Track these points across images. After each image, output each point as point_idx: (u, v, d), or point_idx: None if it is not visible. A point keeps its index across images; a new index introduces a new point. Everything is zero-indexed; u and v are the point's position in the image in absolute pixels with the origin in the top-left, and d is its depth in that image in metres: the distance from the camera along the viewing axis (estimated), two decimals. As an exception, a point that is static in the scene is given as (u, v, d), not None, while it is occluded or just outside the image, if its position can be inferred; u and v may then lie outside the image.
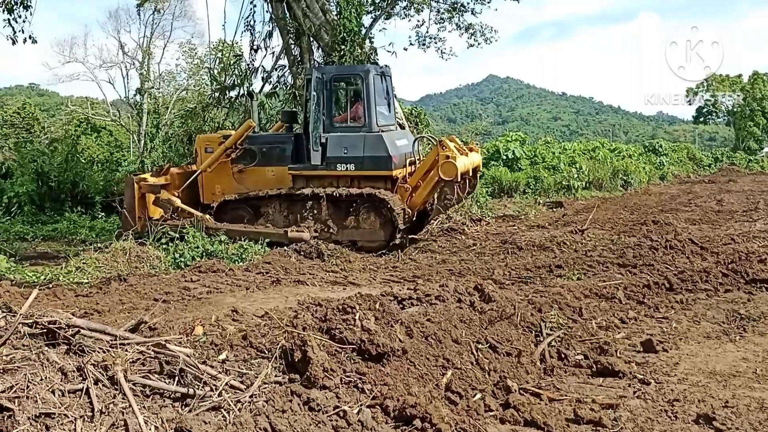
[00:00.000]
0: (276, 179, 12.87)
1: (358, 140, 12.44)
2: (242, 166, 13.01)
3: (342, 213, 12.45)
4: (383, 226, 12.32)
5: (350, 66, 12.99)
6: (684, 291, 7.93)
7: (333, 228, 12.34)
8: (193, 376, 3.86)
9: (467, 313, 5.70)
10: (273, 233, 12.17)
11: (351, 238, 12.39)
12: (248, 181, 13.04)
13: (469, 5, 22.43)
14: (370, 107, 12.51)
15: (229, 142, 12.94)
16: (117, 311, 7.23)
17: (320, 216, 12.37)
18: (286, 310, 6.02)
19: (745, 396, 4.60)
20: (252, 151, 12.96)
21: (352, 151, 12.44)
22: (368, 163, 12.39)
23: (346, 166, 12.45)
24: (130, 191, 12.81)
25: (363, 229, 12.42)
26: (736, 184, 28.03)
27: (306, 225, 12.30)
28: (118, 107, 38.73)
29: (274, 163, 12.93)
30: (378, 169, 12.44)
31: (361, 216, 12.40)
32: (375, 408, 4.11)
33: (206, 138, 13.83)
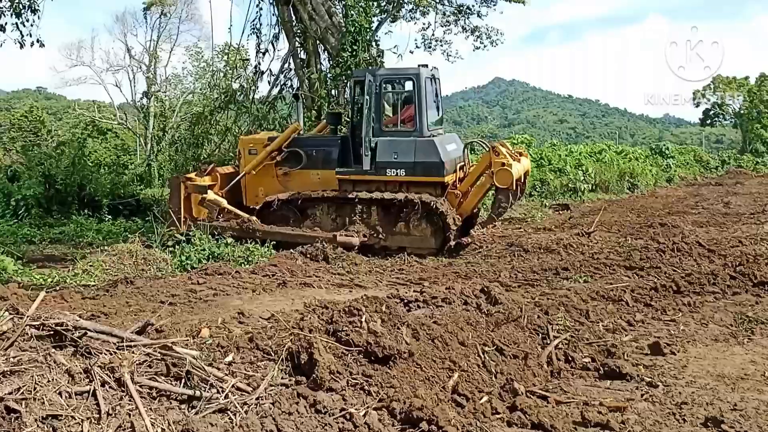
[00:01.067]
0: (321, 183, 12.65)
1: (409, 145, 12.13)
2: (287, 168, 12.80)
3: (391, 218, 12.20)
4: (434, 234, 12.05)
5: (402, 68, 12.67)
6: (691, 293, 7.90)
7: (382, 233, 12.13)
8: (200, 378, 3.86)
9: (474, 316, 5.68)
10: (321, 237, 11.89)
11: (400, 245, 12.15)
12: (293, 184, 12.80)
13: (475, 8, 22.43)
14: (421, 110, 12.21)
15: (275, 145, 12.77)
16: (124, 313, 7.23)
17: (369, 221, 12.16)
18: (292, 313, 6.03)
19: (754, 399, 4.57)
20: (298, 154, 12.74)
21: (403, 157, 12.13)
22: (419, 168, 12.07)
23: (397, 171, 12.16)
24: (177, 191, 12.64)
25: (413, 236, 12.15)
26: (744, 187, 27.89)
27: (355, 229, 12.10)
28: (124, 110, 38.89)
29: (320, 166, 12.69)
30: (429, 176, 12.11)
31: (411, 222, 12.12)
32: (381, 410, 4.10)
33: (250, 139, 13.60)
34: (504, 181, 11.75)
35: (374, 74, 12.45)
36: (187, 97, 34.95)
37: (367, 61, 16.38)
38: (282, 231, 12.15)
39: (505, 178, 11.73)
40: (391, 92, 12.80)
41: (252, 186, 13.12)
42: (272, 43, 18.13)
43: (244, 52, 20.80)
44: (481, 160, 12.49)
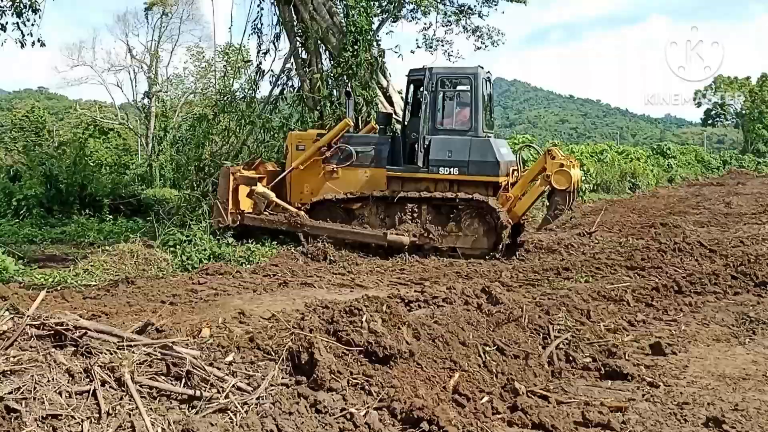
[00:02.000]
0: (369, 181, 12.62)
1: (464, 144, 12.08)
2: (335, 165, 12.75)
3: (442, 219, 12.11)
4: (487, 234, 11.92)
5: (460, 66, 12.59)
6: (693, 293, 7.90)
7: (433, 234, 11.98)
8: (200, 377, 3.85)
9: (474, 316, 5.67)
10: (371, 235, 11.97)
11: (452, 245, 12.01)
12: (339, 181, 12.77)
13: (476, 8, 22.42)
14: (477, 110, 12.17)
15: (324, 140, 12.70)
16: (124, 313, 7.23)
17: (420, 221, 12.06)
18: (293, 313, 6.03)
19: (755, 399, 4.56)
20: (347, 151, 12.72)
21: (457, 155, 12.07)
22: (473, 167, 12.00)
23: (450, 170, 12.08)
24: (225, 182, 12.50)
25: (465, 236, 12.02)
26: (745, 187, 27.92)
27: (405, 229, 12.00)
28: (126, 110, 38.94)
29: (369, 164, 12.68)
30: (484, 175, 12.02)
31: (463, 223, 12.02)
32: (382, 410, 4.10)
33: (299, 135, 13.54)
34: (562, 182, 11.70)
35: (431, 72, 12.33)
36: (188, 97, 34.98)
37: (368, 61, 16.36)
38: (331, 227, 12.11)
39: (564, 179, 11.69)
40: (447, 91, 12.66)
41: (298, 182, 13.08)
42: (273, 43, 18.06)
43: (245, 52, 20.78)
44: (536, 163, 12.45)
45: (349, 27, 16.16)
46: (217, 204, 12.40)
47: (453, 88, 12.65)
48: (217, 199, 12.53)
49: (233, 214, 12.35)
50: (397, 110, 16.95)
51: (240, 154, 16.40)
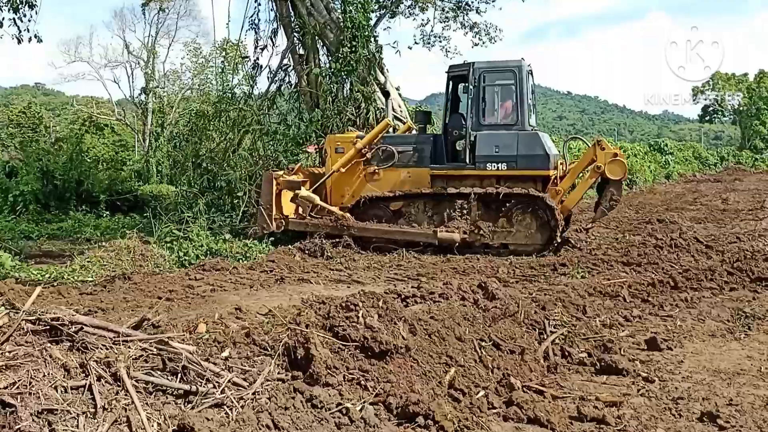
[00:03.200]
0: (411, 181, 12.44)
1: (511, 138, 11.90)
2: (376, 167, 12.56)
3: (492, 215, 11.92)
4: (540, 230, 11.74)
5: (503, 60, 12.33)
6: (689, 289, 7.91)
7: (484, 230, 11.80)
8: (196, 373, 3.86)
9: (471, 311, 5.69)
10: (421, 233, 11.82)
11: (503, 242, 11.87)
12: (381, 182, 12.55)
13: (474, 4, 22.43)
14: (522, 104, 12.01)
15: (365, 141, 12.51)
16: (121, 309, 7.23)
17: (470, 217, 11.86)
18: (289, 308, 6.03)
19: (750, 394, 4.57)
20: (388, 152, 12.52)
21: (505, 150, 11.88)
22: (522, 162, 11.81)
23: (498, 165, 11.91)
24: (268, 187, 12.21)
25: (518, 232, 11.83)
26: (742, 183, 27.97)
27: (455, 226, 11.83)
28: (123, 106, 38.84)
29: (411, 164, 12.51)
30: (534, 169, 11.84)
31: (514, 218, 11.83)
32: (378, 405, 4.11)
33: (338, 138, 13.25)
34: (617, 172, 11.69)
35: (474, 68, 12.17)
36: (185, 93, 34.91)
37: (366, 57, 16.34)
38: (378, 228, 11.97)
39: (619, 168, 11.71)
40: (491, 86, 12.34)
41: (338, 185, 12.82)
42: (271, 38, 18.07)
43: (242, 48, 20.75)
44: (584, 156, 12.34)
45: (346, 23, 16.15)
46: (261, 210, 12.08)
47: (497, 82, 12.34)
48: (260, 205, 12.18)
49: (277, 219, 12.10)
50: (394, 106, 16.95)
51: (237, 150, 16.40)
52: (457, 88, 13.01)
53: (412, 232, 11.83)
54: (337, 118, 15.98)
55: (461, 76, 12.55)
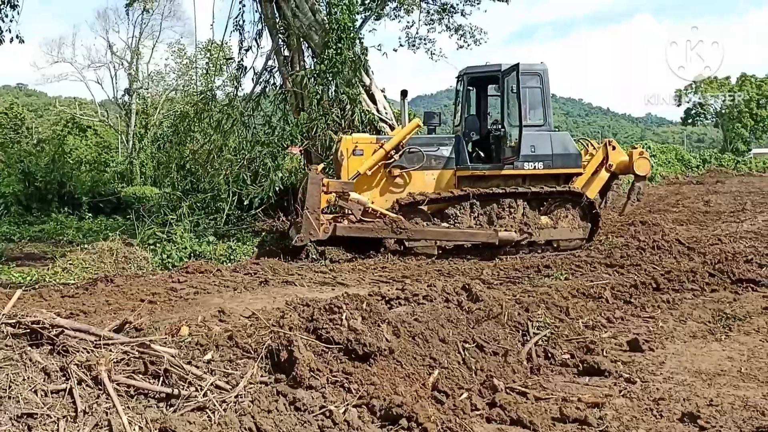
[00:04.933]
0: (436, 183, 12.43)
1: (545, 138, 12.29)
2: (400, 169, 12.29)
3: (535, 213, 12.25)
4: (581, 225, 12.30)
5: (527, 64, 12.49)
6: (671, 291, 7.98)
7: (532, 228, 12.03)
8: (178, 376, 3.83)
9: (455, 313, 5.70)
10: (482, 234, 11.75)
11: (548, 238, 12.17)
12: (404, 184, 12.37)
13: (459, 7, 22.52)
14: (548, 105, 12.52)
15: (393, 143, 12.17)
16: (103, 312, 7.18)
17: (516, 216, 12.03)
18: (273, 311, 6.01)
19: (730, 394, 4.62)
20: (418, 153, 12.38)
21: (541, 150, 12.23)
22: (558, 161, 12.34)
23: (535, 165, 12.22)
24: (316, 191, 11.40)
25: (562, 228, 12.22)
26: (724, 185, 28.22)
27: (502, 225, 11.94)
28: (106, 107, 38.60)
29: (436, 166, 12.47)
30: (568, 167, 12.46)
31: (557, 215, 12.23)
32: (361, 408, 4.10)
33: (357, 139, 12.75)
34: (644, 168, 12.64)
35: (503, 71, 12.49)
36: (169, 94, 34.73)
37: (351, 59, 16.34)
38: (437, 230, 11.76)
39: (646, 166, 12.69)
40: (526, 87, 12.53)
41: (359, 188, 12.32)
42: (255, 40, 18.01)
43: (227, 49, 20.67)
44: (597, 155, 12.96)
45: (331, 24, 16.14)
46: (307, 216, 11.21)
47: (527, 84, 12.53)
48: (306, 209, 11.31)
49: (324, 225, 11.41)
50: (380, 108, 16.96)
51: (221, 152, 16.33)
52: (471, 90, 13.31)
53: (472, 233, 11.77)
54: (322, 119, 15.97)
55: (483, 78, 12.93)
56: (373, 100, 17.04)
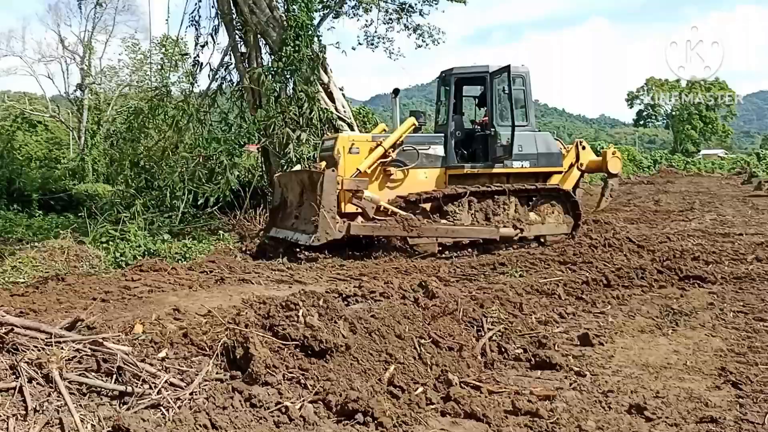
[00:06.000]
0: (429, 181, 12.47)
1: (530, 138, 12.76)
2: (400, 167, 12.26)
3: (524, 209, 12.67)
4: (566, 220, 12.93)
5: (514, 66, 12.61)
6: (621, 287, 8.17)
7: (524, 224, 12.46)
8: (132, 374, 3.81)
9: (411, 309, 5.75)
10: (486, 230, 12.02)
11: (537, 233, 12.66)
12: (401, 183, 12.33)
13: (417, 6, 22.62)
14: (530, 106, 13.06)
15: (391, 141, 12.09)
16: (54, 311, 7.04)
17: (508, 213, 12.41)
18: (229, 309, 5.99)
19: (675, 387, 4.77)
20: (411, 153, 12.34)
21: (528, 149, 12.70)
22: (543, 159, 12.93)
23: (522, 163, 12.70)
24: (332, 188, 11.06)
25: (549, 224, 12.82)
26: (674, 185, 28.98)
27: (498, 221, 12.23)
28: (57, 103, 37.58)
29: (428, 164, 12.52)
30: (551, 166, 13.12)
31: (544, 211, 12.77)
32: (317, 403, 4.13)
33: (353, 137, 12.58)
34: (616, 167, 13.52)
35: (490, 72, 12.76)
36: (123, 90, 34.06)
37: (309, 57, 16.29)
38: (447, 227, 11.80)
39: (617, 164, 13.56)
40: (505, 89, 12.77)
41: None
42: (212, 35, 17.82)
43: (182, 44, 20.41)
44: (569, 154, 13.59)
45: (289, 22, 16.06)
46: (323, 214, 10.86)
47: (514, 87, 12.71)
48: (322, 208, 10.93)
49: (339, 224, 11.11)
50: (338, 106, 16.96)
51: (177, 149, 16.12)
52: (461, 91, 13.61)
53: (477, 230, 12.03)
54: (279, 117, 15.89)
55: (470, 79, 13.30)
56: (332, 98, 17.02)
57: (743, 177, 34.67)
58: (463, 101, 14.41)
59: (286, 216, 12.43)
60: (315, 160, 15.39)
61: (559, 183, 13.25)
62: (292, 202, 12.43)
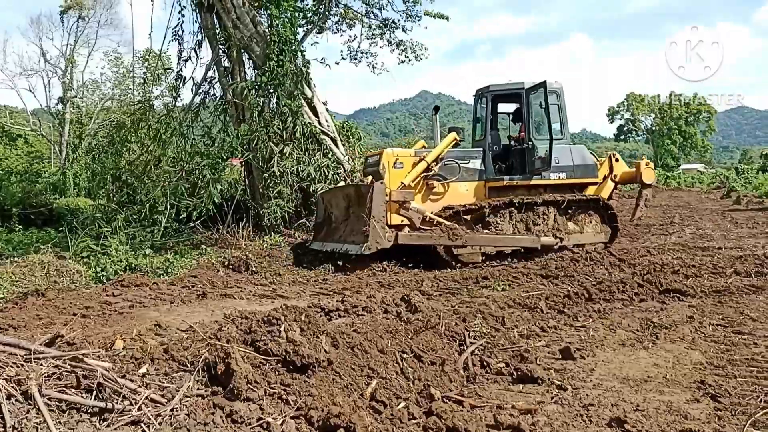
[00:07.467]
0: (468, 194, 12.94)
1: (566, 150, 13.23)
2: (442, 180, 12.76)
3: (564, 219, 13.02)
4: (604, 229, 13.34)
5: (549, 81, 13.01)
6: (602, 300, 8.23)
7: (563, 233, 12.85)
8: (112, 390, 3.77)
9: (393, 324, 5.76)
10: (527, 239, 12.40)
11: (577, 242, 12.97)
12: (443, 196, 12.83)
13: (400, 22, 22.78)
14: (565, 120, 13.39)
15: (434, 155, 12.64)
16: (34, 327, 6.96)
17: (548, 223, 12.77)
18: (211, 324, 5.96)
19: (655, 399, 4.81)
20: (453, 167, 12.85)
21: (564, 161, 13.15)
22: (579, 171, 13.41)
23: (559, 175, 13.13)
24: (381, 199, 11.65)
25: (587, 233, 13.22)
26: (654, 200, 29.16)
27: (539, 231, 12.63)
28: (38, 116, 37.32)
29: (469, 177, 13.00)
30: (587, 177, 13.58)
31: (582, 221, 13.17)
32: (299, 419, 4.11)
33: (397, 153, 13.05)
34: (651, 177, 13.93)
35: (526, 89, 13.21)
36: (105, 104, 33.90)
37: (293, 72, 16.34)
38: (489, 236, 12.27)
39: (652, 175, 13.98)
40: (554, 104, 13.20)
41: None
42: (195, 50, 17.84)
43: (165, 58, 20.37)
44: (603, 166, 13.97)
45: (273, 37, 16.12)
46: (374, 224, 11.42)
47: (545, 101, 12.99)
48: (372, 218, 11.46)
49: (389, 234, 11.63)
50: (321, 120, 17.00)
51: (159, 163, 16.06)
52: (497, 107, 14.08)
53: (519, 239, 12.44)
54: (263, 131, 15.90)
55: (505, 96, 13.80)
56: (315, 112, 17.08)
57: (722, 191, 35.08)
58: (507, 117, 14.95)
59: (331, 230, 13.09)
60: (298, 174, 15.51)
61: (595, 194, 13.65)
62: (338, 217, 13.10)
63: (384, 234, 11.44)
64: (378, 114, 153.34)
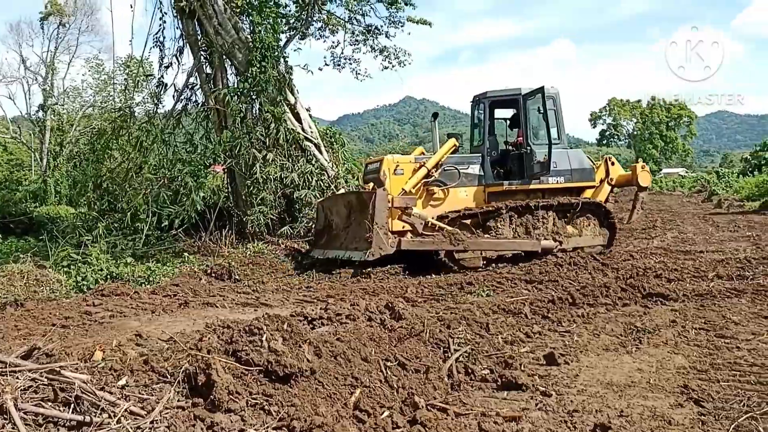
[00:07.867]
0: (468, 199, 13.07)
1: (563, 155, 13.35)
2: (442, 186, 12.92)
3: (562, 223, 13.13)
4: (602, 233, 13.46)
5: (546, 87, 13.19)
6: (585, 305, 8.24)
7: (562, 237, 12.96)
8: (90, 402, 3.70)
9: (377, 332, 5.72)
10: (528, 243, 12.48)
11: (575, 245, 13.03)
12: (443, 201, 12.97)
13: (383, 28, 22.78)
14: (561, 125, 13.52)
15: (434, 161, 12.82)
16: (12, 338, 6.85)
17: (547, 226, 12.87)
18: (192, 333, 5.89)
19: (639, 405, 4.81)
20: (452, 171, 12.98)
21: (561, 165, 13.26)
22: (576, 175, 13.55)
23: (557, 179, 13.24)
24: (384, 206, 11.79)
25: (585, 236, 13.32)
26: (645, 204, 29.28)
27: (539, 235, 12.71)
28: (18, 124, 36.93)
29: (468, 182, 13.14)
30: (584, 181, 13.70)
31: (581, 224, 13.28)
32: (282, 429, 4.05)
33: (397, 160, 13.17)
34: (647, 180, 14.09)
35: (523, 95, 13.36)
36: (86, 111, 33.61)
37: (276, 78, 16.28)
38: (490, 241, 12.37)
39: (647, 178, 14.16)
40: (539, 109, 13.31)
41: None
42: (176, 56, 17.73)
43: (147, 65, 20.24)
44: (599, 170, 14.09)
45: (255, 43, 16.05)
46: (377, 230, 11.56)
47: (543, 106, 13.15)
48: (375, 224, 11.59)
49: (391, 239, 11.77)
50: (305, 126, 16.94)
51: (141, 171, 15.92)
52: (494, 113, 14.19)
53: (519, 243, 12.56)
54: (245, 138, 15.82)
55: (503, 101, 13.93)
56: (298, 118, 17.02)
57: (704, 195, 35.40)
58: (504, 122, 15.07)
59: (332, 237, 13.15)
60: (281, 180, 15.44)
61: (592, 197, 13.79)
62: (338, 225, 13.18)
63: (387, 240, 11.58)
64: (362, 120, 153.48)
